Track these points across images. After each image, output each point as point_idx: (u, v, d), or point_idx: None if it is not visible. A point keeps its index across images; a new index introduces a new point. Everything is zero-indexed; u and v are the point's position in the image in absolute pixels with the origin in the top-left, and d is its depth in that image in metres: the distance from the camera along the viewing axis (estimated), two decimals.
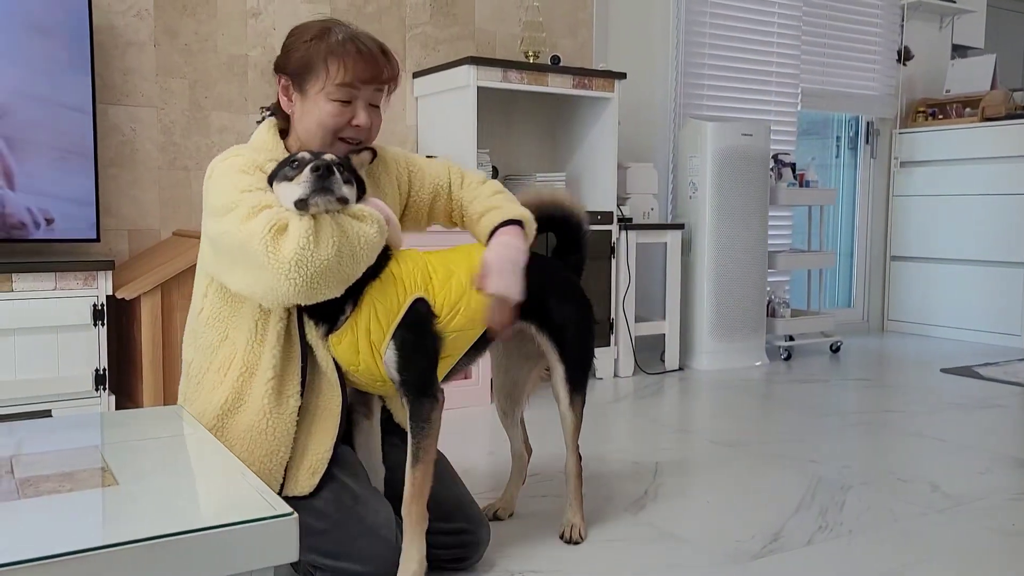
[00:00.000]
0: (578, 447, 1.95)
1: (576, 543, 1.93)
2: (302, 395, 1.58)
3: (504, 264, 1.62)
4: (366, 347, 1.55)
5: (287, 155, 1.58)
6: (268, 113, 1.70)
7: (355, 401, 1.71)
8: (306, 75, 1.59)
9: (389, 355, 1.55)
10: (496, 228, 1.70)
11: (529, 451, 2.12)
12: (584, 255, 2.03)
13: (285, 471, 1.56)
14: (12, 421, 1.49)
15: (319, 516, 1.54)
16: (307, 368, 1.59)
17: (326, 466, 1.58)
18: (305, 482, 1.56)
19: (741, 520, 2.10)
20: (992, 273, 4.92)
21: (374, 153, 1.67)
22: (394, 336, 1.54)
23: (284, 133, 1.67)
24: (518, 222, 1.72)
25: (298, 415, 1.57)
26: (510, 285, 1.61)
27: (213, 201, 1.51)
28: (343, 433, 1.63)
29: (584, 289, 1.98)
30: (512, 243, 1.68)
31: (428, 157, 1.92)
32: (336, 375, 1.60)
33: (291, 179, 1.46)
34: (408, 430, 1.58)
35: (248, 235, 1.40)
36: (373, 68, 1.60)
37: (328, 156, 1.50)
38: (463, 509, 1.74)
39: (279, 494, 1.44)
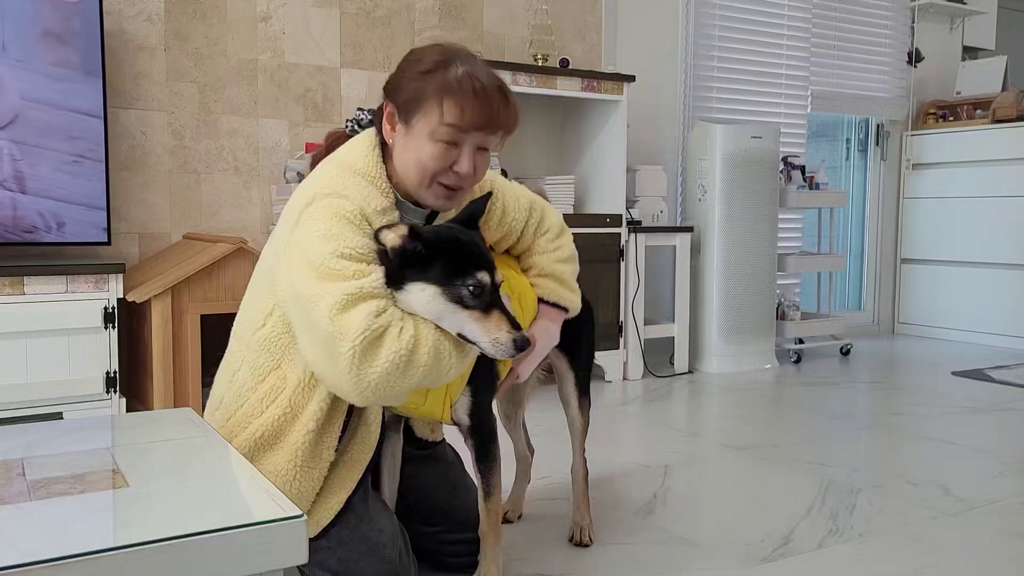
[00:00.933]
0: (584, 449, 1.95)
1: (585, 545, 1.93)
2: (337, 449, 1.51)
3: (540, 352, 1.67)
4: (439, 392, 1.50)
5: (393, 196, 1.46)
6: (365, 118, 1.59)
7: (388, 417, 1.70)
8: (414, 108, 1.44)
9: (463, 401, 1.53)
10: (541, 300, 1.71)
11: (531, 452, 2.13)
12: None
13: None
14: (23, 423, 1.49)
15: (323, 533, 1.51)
16: (350, 419, 1.53)
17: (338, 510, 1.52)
18: (316, 524, 1.51)
19: (751, 523, 2.09)
20: (1003, 276, 4.89)
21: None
22: (470, 382, 1.52)
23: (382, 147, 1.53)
24: (564, 308, 1.73)
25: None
26: (534, 366, 1.68)
27: (307, 249, 1.36)
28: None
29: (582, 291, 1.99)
30: (552, 333, 1.69)
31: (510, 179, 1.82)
32: (379, 428, 1.55)
33: (468, 304, 1.35)
34: (476, 471, 1.59)
35: (339, 333, 1.28)
36: (487, 114, 1.44)
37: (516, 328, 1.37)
38: (474, 521, 1.74)
39: None
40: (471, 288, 1.34)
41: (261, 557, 0.95)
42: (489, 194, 1.57)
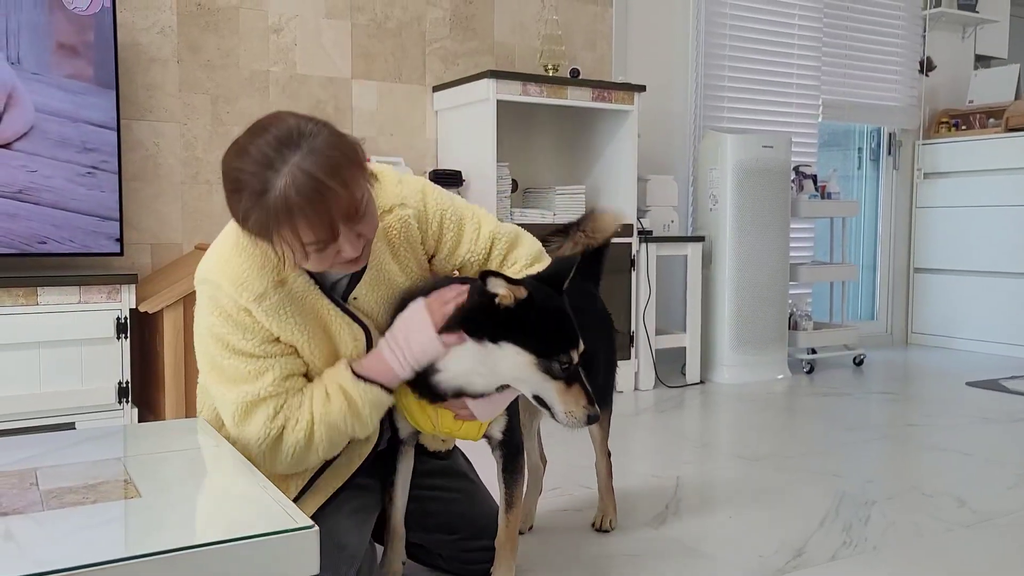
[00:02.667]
0: (608, 452, 2.05)
1: (606, 531, 2.03)
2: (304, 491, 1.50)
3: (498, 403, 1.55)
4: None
5: (281, 270, 1.37)
6: None
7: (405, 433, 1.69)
8: (269, 239, 1.28)
9: (500, 420, 1.56)
10: None
11: (544, 462, 2.14)
12: (603, 268, 2.05)
13: None
14: (36, 433, 1.50)
15: None
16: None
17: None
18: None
19: (764, 535, 2.08)
20: (1017, 285, 4.86)
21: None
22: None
23: None
24: None
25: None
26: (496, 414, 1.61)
27: (203, 342, 1.41)
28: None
29: (604, 301, 2.01)
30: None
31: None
32: (372, 445, 1.54)
33: (555, 376, 1.37)
34: (501, 481, 1.61)
35: (245, 439, 1.38)
36: (334, 217, 1.25)
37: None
38: (492, 527, 1.74)
39: None
40: (563, 363, 1.37)
41: (272, 567, 0.95)
42: (576, 258, 1.52)
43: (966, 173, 5.09)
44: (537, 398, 1.40)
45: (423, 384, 1.45)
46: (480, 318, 1.37)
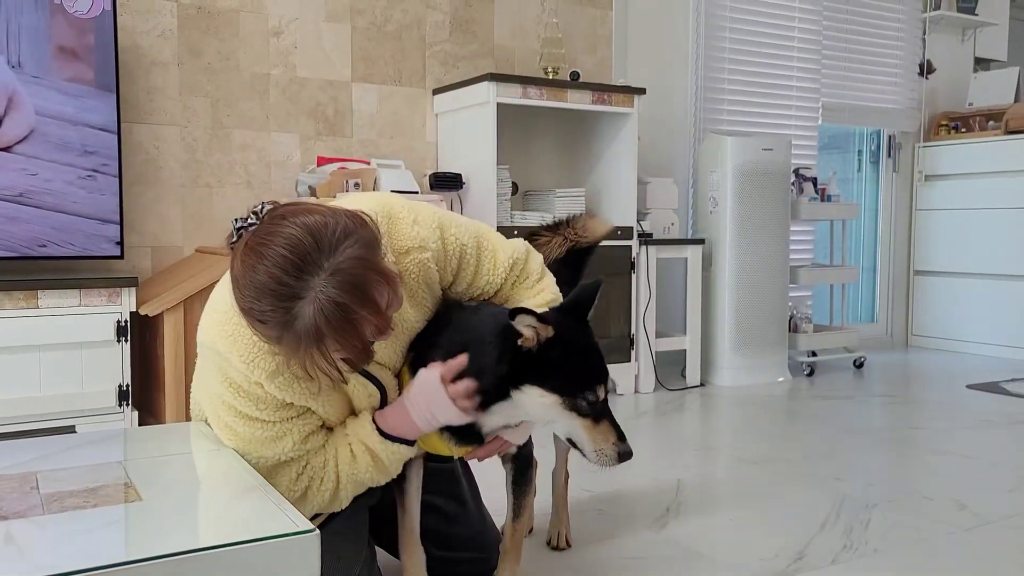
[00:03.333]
0: (567, 459, 2.02)
1: (562, 549, 1.97)
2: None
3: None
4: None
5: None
6: (254, 221, 1.23)
7: None
8: (294, 360, 1.24)
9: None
10: None
11: (535, 464, 2.11)
12: (584, 270, 2.07)
13: None
14: (37, 436, 1.50)
15: None
16: None
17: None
18: None
19: (765, 538, 2.08)
20: (1017, 287, 4.86)
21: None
22: None
23: None
24: None
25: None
26: (526, 437, 1.62)
27: (216, 410, 1.35)
28: None
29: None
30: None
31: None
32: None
33: (582, 413, 1.34)
34: (511, 492, 1.62)
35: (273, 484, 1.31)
36: (363, 339, 1.20)
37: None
38: (481, 542, 1.73)
39: None
40: (589, 400, 1.34)
41: (274, 571, 0.95)
42: (599, 283, 1.44)
43: (966, 176, 5.10)
44: (569, 440, 1.38)
45: (459, 434, 1.44)
46: (494, 380, 1.34)
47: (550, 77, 3.73)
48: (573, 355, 1.35)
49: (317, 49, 3.48)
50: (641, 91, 3.76)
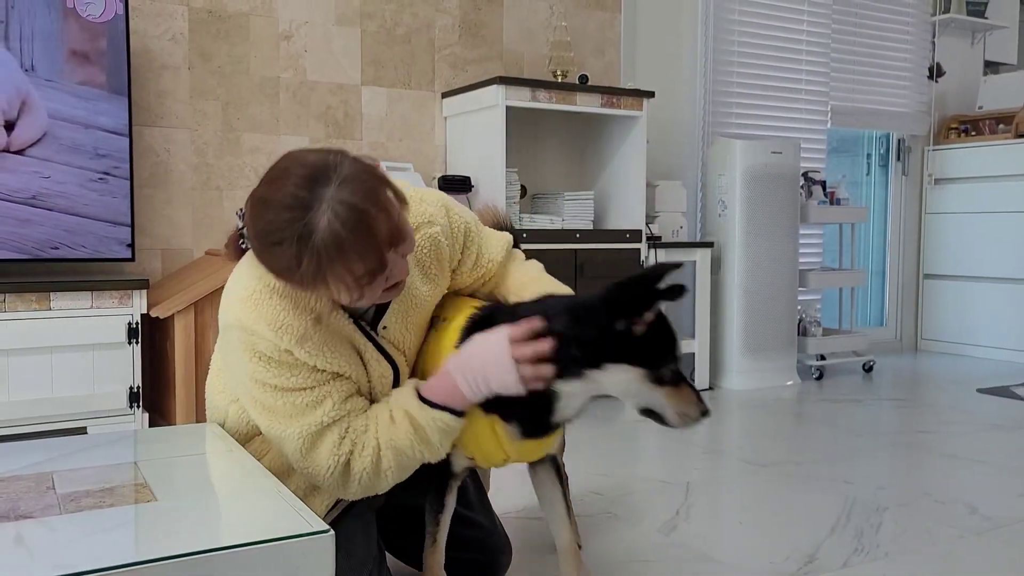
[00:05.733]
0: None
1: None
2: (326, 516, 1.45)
3: None
4: (550, 440, 1.50)
5: (322, 306, 1.32)
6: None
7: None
8: (315, 289, 1.25)
9: (560, 435, 1.57)
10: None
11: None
12: None
13: None
14: (49, 437, 1.51)
15: None
16: None
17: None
18: None
19: (775, 542, 2.07)
20: None
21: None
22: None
23: None
24: None
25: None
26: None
27: (250, 390, 1.33)
28: None
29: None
30: None
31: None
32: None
33: (664, 382, 1.33)
34: (561, 493, 1.62)
35: (313, 471, 1.33)
36: (382, 247, 1.21)
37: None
38: (488, 540, 1.73)
39: None
40: (671, 369, 1.34)
41: (288, 572, 0.95)
42: (673, 264, 1.40)
43: (976, 179, 5.08)
44: (647, 409, 1.37)
45: (530, 422, 1.40)
46: (573, 355, 1.31)
47: (559, 80, 3.73)
48: (655, 329, 1.34)
49: (327, 53, 3.50)
50: (650, 94, 3.77)
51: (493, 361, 1.31)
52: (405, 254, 1.28)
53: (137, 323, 2.71)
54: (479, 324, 1.42)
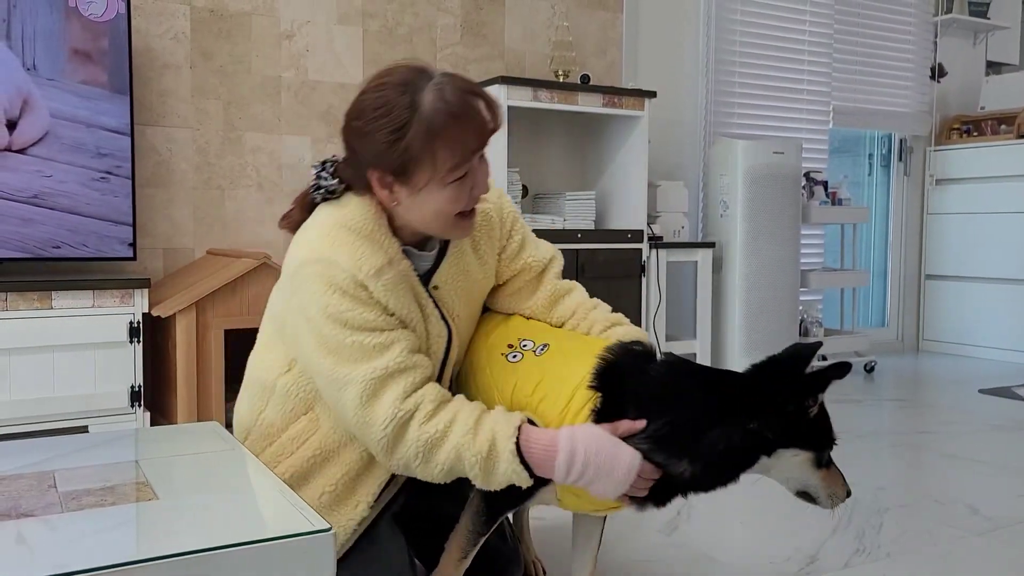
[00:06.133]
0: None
1: None
2: (371, 506, 1.44)
3: None
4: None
5: (394, 248, 1.36)
6: (331, 185, 1.40)
7: None
8: (410, 168, 1.30)
9: None
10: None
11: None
12: None
13: None
14: (50, 436, 1.51)
15: None
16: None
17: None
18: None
19: (777, 542, 2.07)
20: None
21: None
22: None
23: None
24: None
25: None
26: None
27: (316, 328, 1.31)
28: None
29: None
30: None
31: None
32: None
33: (821, 465, 1.34)
34: (600, 530, 1.60)
35: (368, 423, 1.29)
36: (481, 131, 1.32)
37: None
38: (498, 549, 1.70)
39: None
40: (829, 454, 1.35)
41: (289, 570, 0.95)
42: (819, 344, 1.46)
43: (978, 180, 5.08)
44: (803, 490, 1.38)
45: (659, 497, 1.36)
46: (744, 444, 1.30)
47: (560, 80, 3.73)
48: (822, 414, 1.35)
49: (329, 52, 3.50)
50: (652, 94, 3.76)
51: (611, 480, 1.28)
52: (487, 173, 1.38)
53: (138, 322, 2.71)
54: (603, 374, 1.36)
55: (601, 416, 1.31)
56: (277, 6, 3.38)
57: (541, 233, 1.73)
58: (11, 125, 2.66)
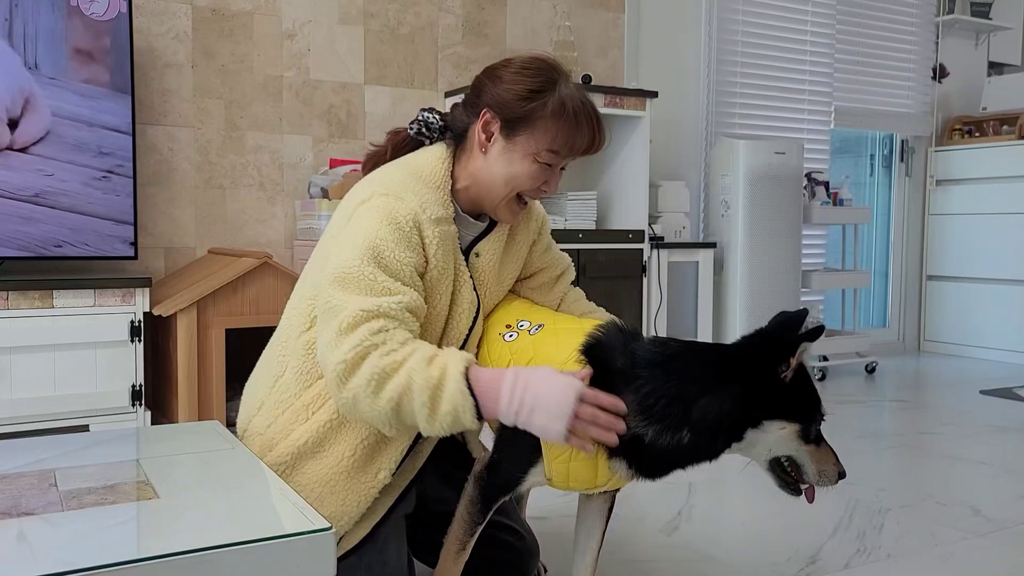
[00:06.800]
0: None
1: None
2: (395, 473, 1.44)
3: None
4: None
5: (453, 208, 1.45)
6: (435, 121, 1.53)
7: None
8: (522, 127, 1.43)
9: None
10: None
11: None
12: None
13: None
14: (52, 435, 1.51)
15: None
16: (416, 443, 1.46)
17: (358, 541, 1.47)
18: (339, 547, 1.46)
19: (777, 542, 2.07)
20: None
21: None
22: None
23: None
24: None
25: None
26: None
27: (350, 247, 1.34)
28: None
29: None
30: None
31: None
32: (425, 458, 1.51)
33: (809, 439, 1.32)
34: (603, 531, 1.59)
35: (334, 348, 1.28)
36: (592, 141, 1.47)
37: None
38: (517, 546, 1.71)
39: None
40: (818, 426, 1.33)
41: (289, 569, 0.95)
42: (805, 311, 1.44)
43: (979, 180, 5.07)
44: (789, 460, 1.35)
45: (646, 463, 1.35)
46: (732, 416, 1.29)
47: None
48: (808, 384, 1.33)
49: (330, 52, 3.50)
50: (653, 94, 3.76)
51: (548, 407, 1.25)
52: (558, 184, 1.50)
53: (139, 321, 2.71)
54: (592, 349, 1.36)
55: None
56: (279, 6, 3.38)
57: None
58: (13, 124, 2.66)
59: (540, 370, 1.28)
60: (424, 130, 1.52)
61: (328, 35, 3.49)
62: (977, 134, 5.19)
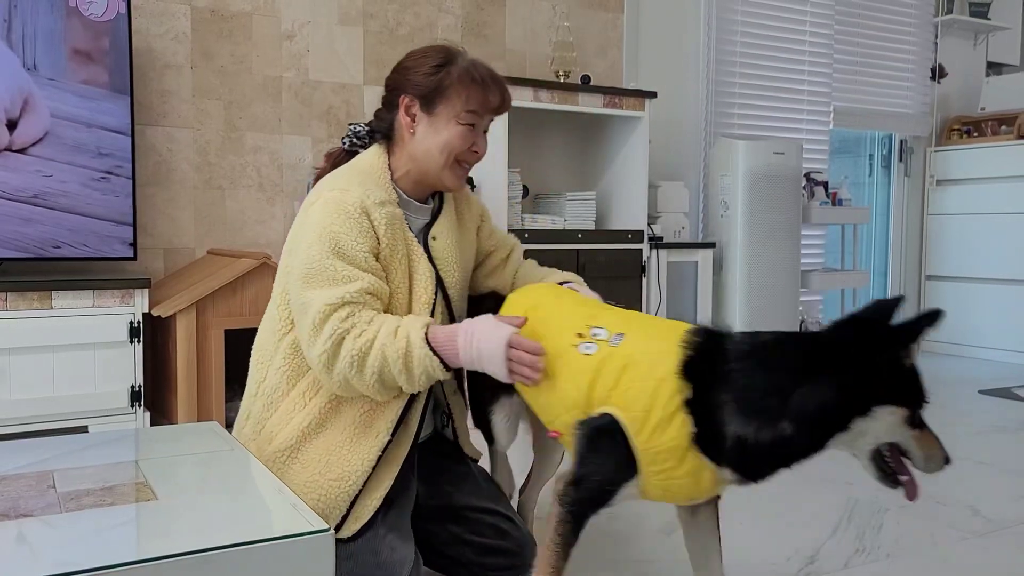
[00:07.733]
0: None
1: None
2: (393, 434, 1.55)
3: None
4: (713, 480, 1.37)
5: (394, 194, 1.59)
6: (362, 129, 1.72)
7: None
8: (437, 98, 1.59)
9: None
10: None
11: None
12: None
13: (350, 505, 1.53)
14: (50, 436, 1.51)
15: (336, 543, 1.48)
16: (409, 408, 1.57)
17: (371, 515, 1.55)
18: (356, 520, 1.54)
19: (776, 542, 2.07)
20: None
21: None
22: None
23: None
24: None
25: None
26: None
27: (306, 248, 1.49)
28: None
29: None
30: None
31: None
32: (416, 427, 1.60)
33: (915, 424, 1.30)
34: (719, 545, 1.61)
35: (314, 343, 1.44)
36: (500, 97, 1.62)
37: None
38: (513, 534, 1.73)
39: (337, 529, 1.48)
40: (922, 410, 1.31)
41: (288, 571, 0.95)
42: (902, 296, 1.44)
43: (978, 180, 5.07)
44: (893, 447, 1.33)
45: (746, 465, 1.34)
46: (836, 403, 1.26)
47: (561, 80, 3.73)
48: (915, 369, 1.31)
49: (330, 52, 3.50)
50: (652, 95, 3.76)
51: (492, 356, 1.45)
52: (486, 146, 1.63)
53: (139, 322, 2.71)
54: (698, 360, 1.33)
55: (692, 403, 1.29)
56: (278, 6, 3.38)
57: (541, 233, 1.80)
58: (11, 125, 2.66)
59: (482, 323, 1.47)
60: (355, 140, 1.71)
61: (327, 36, 3.49)
62: (976, 134, 5.19)
